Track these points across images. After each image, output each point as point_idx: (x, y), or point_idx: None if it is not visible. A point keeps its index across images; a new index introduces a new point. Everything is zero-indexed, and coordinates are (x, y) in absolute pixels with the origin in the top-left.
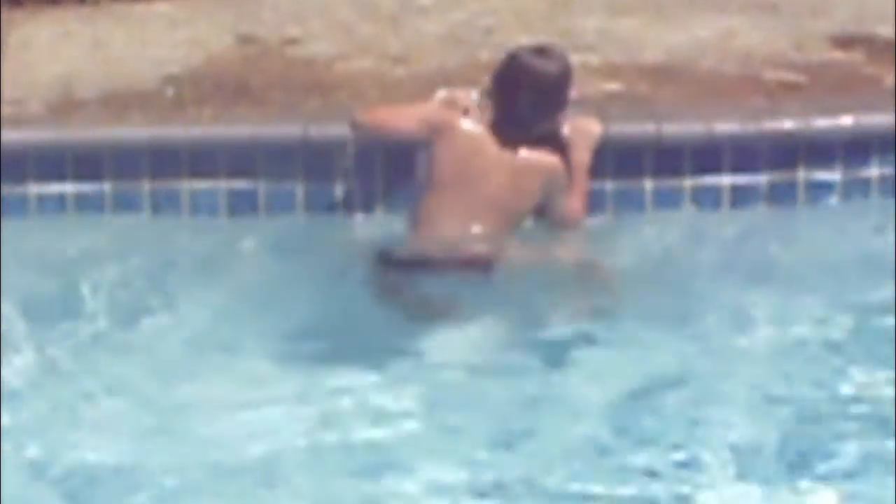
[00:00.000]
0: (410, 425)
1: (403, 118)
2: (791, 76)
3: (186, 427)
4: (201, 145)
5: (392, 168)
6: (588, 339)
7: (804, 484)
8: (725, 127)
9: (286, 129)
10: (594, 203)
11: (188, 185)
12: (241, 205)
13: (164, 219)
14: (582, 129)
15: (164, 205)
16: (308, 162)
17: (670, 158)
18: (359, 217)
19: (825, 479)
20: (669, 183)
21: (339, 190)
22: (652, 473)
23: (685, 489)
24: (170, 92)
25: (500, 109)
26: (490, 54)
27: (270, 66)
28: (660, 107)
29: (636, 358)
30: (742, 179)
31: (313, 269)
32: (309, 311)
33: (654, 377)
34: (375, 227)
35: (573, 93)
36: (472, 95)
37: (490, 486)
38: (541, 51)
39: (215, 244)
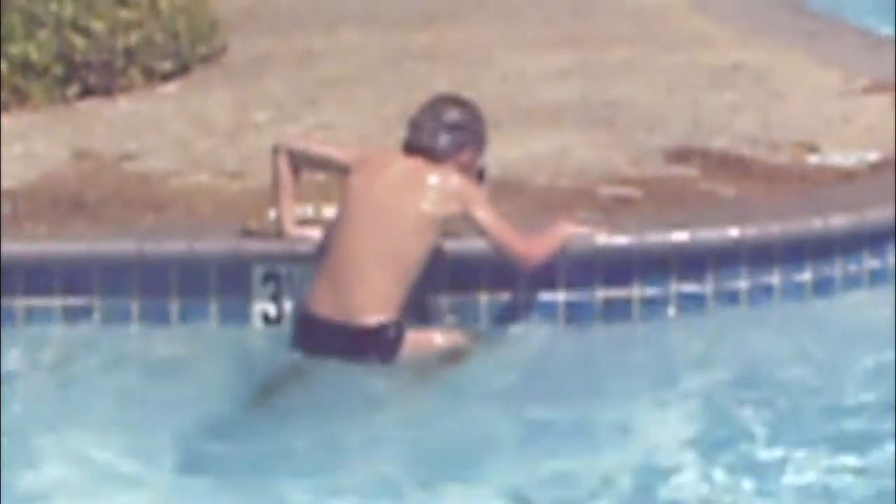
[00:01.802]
0: None
1: (331, 147)
2: (625, 191)
3: None
4: (37, 261)
5: (227, 283)
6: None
7: None
8: None
9: (121, 245)
10: (430, 318)
11: (23, 301)
12: (77, 320)
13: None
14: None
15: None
16: (143, 277)
17: (505, 274)
18: (194, 330)
19: None
20: (504, 298)
21: (173, 304)
22: None
23: None
24: (5, 207)
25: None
26: None
27: (106, 182)
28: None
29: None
30: (576, 295)
31: (149, 384)
32: (156, 424)
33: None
34: (209, 340)
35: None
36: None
37: None
38: (453, 95)
39: (51, 359)
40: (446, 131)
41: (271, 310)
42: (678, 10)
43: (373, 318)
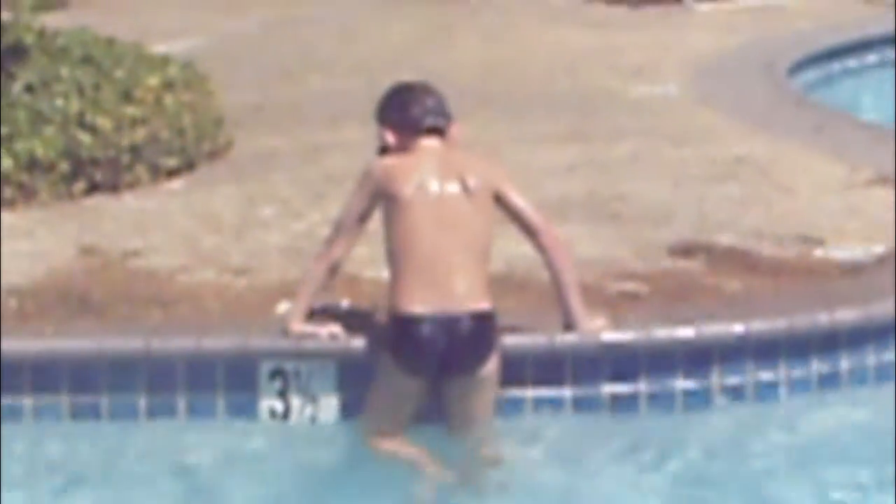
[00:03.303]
0: None
1: (348, 213)
2: (631, 286)
3: None
4: (44, 359)
5: (234, 380)
6: None
7: None
8: (566, 339)
9: (128, 342)
10: (434, 415)
11: (30, 400)
12: (85, 418)
13: (7, 432)
14: None
15: (7, 419)
16: (150, 374)
17: (513, 369)
18: (202, 427)
19: None
20: (512, 393)
21: (181, 401)
22: None
23: None
24: (12, 304)
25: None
26: None
27: (112, 278)
28: (501, 318)
29: None
30: (584, 391)
31: (157, 482)
32: None
33: None
34: (219, 436)
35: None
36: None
37: None
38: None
39: (59, 456)
40: (445, 104)
41: (278, 406)
42: (683, 104)
43: (481, 304)
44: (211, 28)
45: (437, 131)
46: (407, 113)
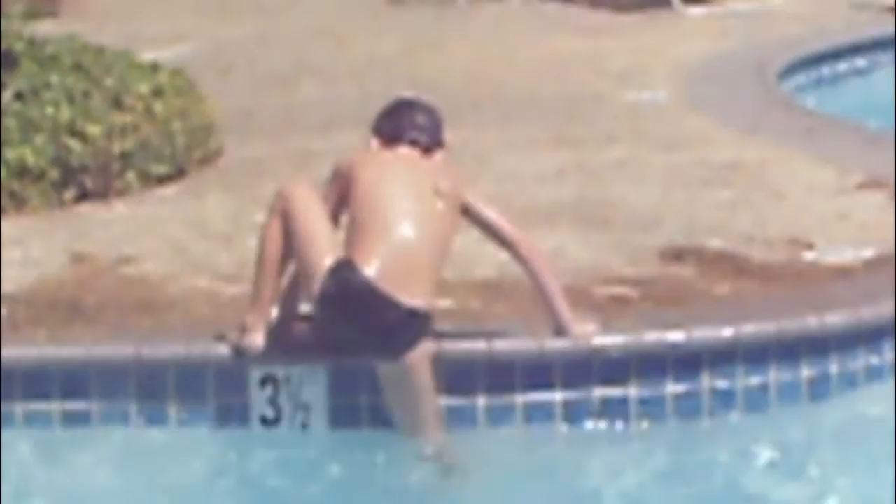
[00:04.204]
0: None
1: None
2: (621, 290)
3: None
4: (35, 366)
5: (225, 387)
6: None
7: None
8: (556, 343)
9: (119, 349)
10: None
11: (22, 406)
12: (76, 425)
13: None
14: None
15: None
16: (141, 381)
17: (502, 375)
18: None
19: None
20: (501, 399)
21: (171, 408)
22: None
23: None
24: (3, 312)
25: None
26: None
27: (103, 286)
28: (491, 323)
29: None
30: (573, 395)
31: (149, 489)
32: None
33: None
34: (208, 444)
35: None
36: None
37: None
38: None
39: (52, 463)
40: (439, 128)
41: (269, 412)
42: (674, 109)
43: (416, 301)
44: (202, 35)
45: (418, 145)
46: (394, 123)
